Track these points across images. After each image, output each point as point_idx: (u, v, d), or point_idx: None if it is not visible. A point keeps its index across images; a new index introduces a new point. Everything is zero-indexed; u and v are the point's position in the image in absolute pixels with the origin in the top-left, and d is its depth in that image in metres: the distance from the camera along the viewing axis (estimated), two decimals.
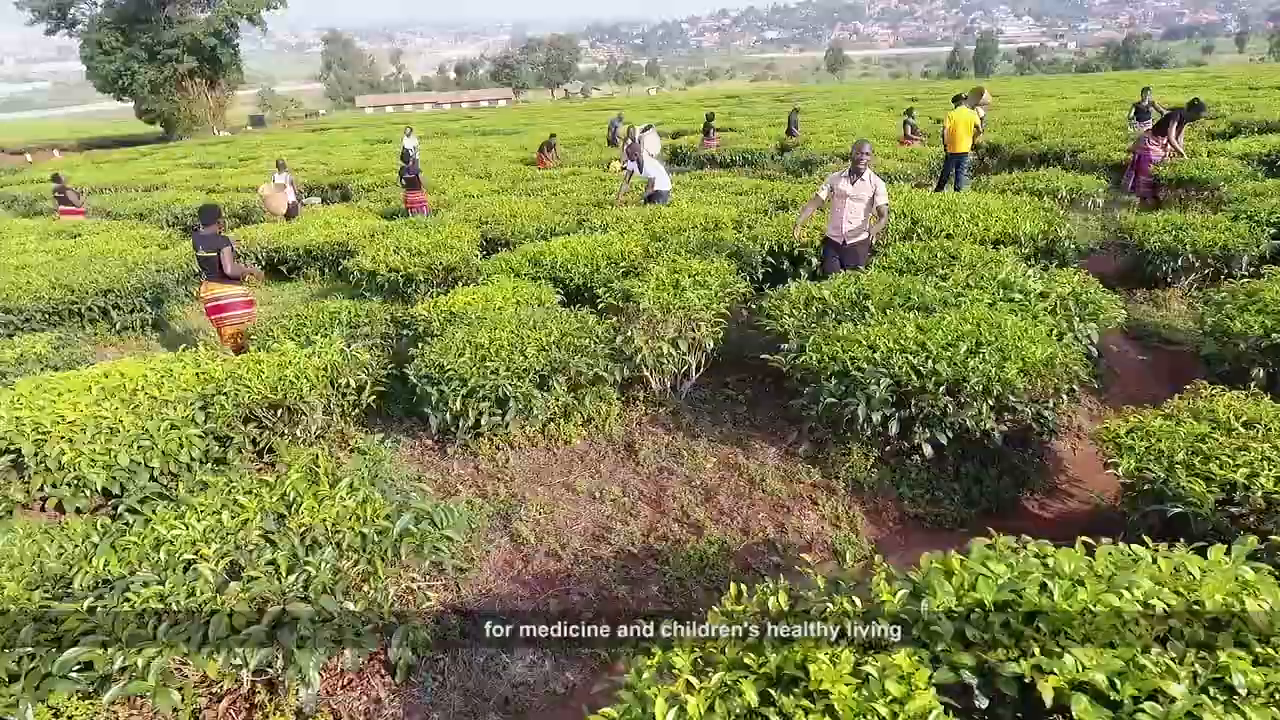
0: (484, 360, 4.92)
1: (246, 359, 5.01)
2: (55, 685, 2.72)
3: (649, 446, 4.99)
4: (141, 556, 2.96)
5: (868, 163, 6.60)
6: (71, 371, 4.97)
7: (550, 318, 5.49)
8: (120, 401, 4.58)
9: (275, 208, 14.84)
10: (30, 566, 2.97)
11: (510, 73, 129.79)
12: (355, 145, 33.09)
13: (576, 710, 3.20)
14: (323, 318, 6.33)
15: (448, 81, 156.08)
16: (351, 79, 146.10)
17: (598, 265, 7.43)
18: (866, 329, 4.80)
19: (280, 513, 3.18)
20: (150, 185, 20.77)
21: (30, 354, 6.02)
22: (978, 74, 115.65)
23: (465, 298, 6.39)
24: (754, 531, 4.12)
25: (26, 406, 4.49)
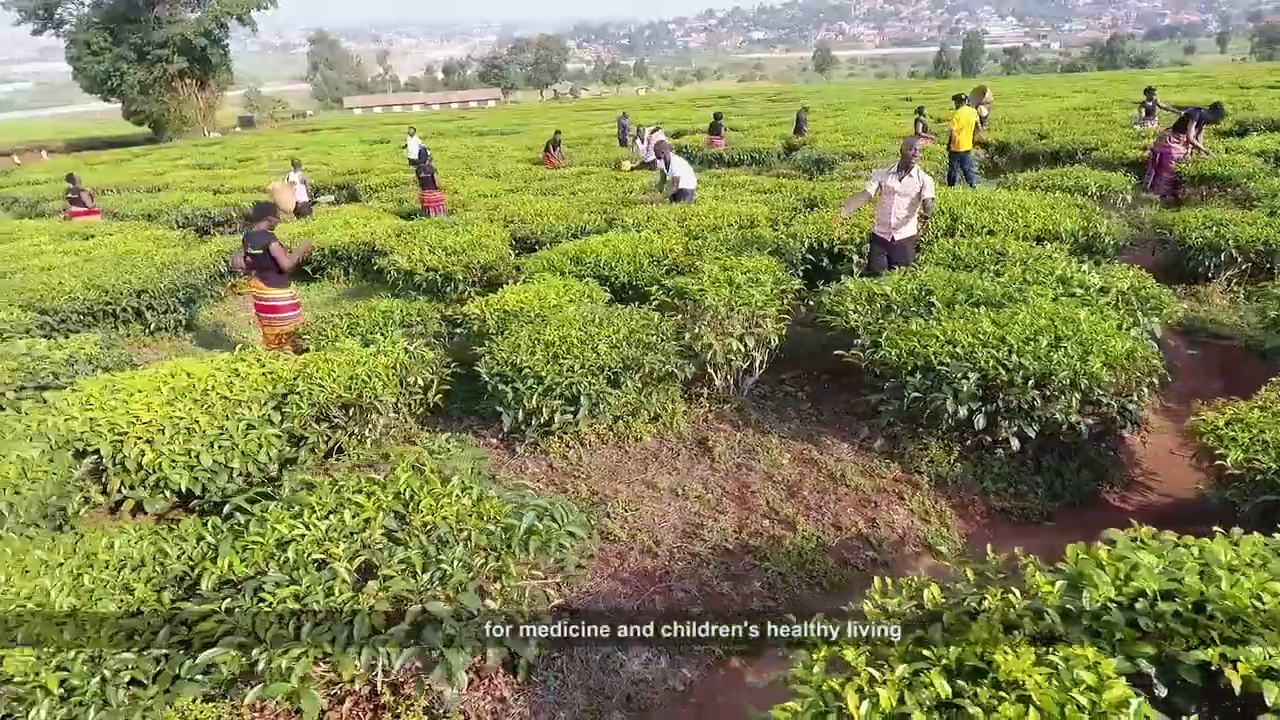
0: (557, 358, 4.89)
1: (315, 358, 4.96)
2: (184, 688, 2.68)
3: (722, 443, 4.98)
4: (266, 556, 2.92)
5: (916, 159, 6.63)
6: (136, 371, 4.89)
7: (615, 315, 5.47)
8: (192, 402, 4.52)
9: (284, 204, 14.72)
10: (154, 568, 2.92)
11: (499, 73, 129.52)
12: (353, 146, 32.89)
13: (698, 707, 3.19)
14: (375, 317, 6.28)
15: (435, 82, 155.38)
16: (338, 80, 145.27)
17: (641, 263, 7.42)
18: (943, 324, 4.81)
19: (397, 511, 3.14)
20: (152, 186, 20.55)
21: (80, 355, 5.93)
22: (964, 74, 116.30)
23: (517, 295, 6.35)
24: (845, 527, 4.12)
25: (99, 407, 4.42)
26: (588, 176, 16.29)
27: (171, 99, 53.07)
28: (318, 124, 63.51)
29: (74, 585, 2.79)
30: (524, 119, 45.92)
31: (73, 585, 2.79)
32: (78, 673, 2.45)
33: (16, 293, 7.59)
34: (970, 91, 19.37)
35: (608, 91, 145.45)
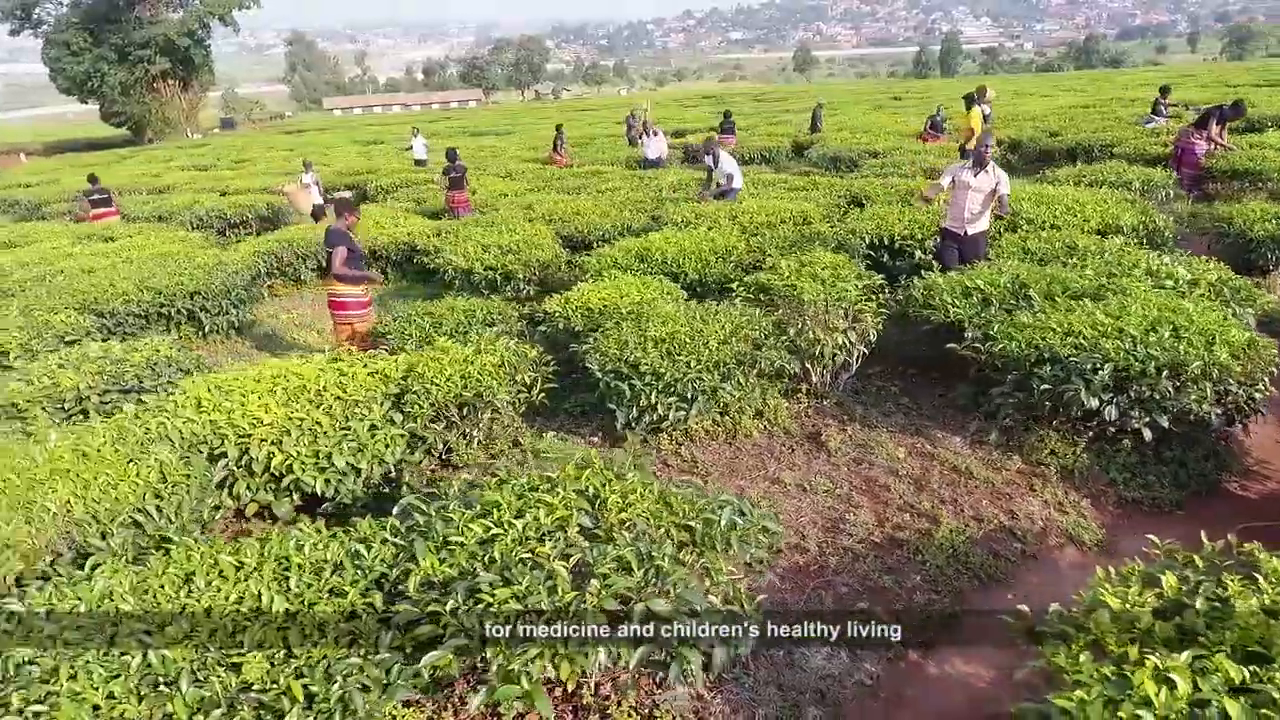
0: (672, 354, 4.85)
1: (423, 357, 4.88)
2: (395, 693, 2.62)
3: (835, 438, 4.97)
4: (469, 557, 2.86)
5: (991, 155, 6.65)
6: (239, 373, 4.78)
7: (720, 312, 5.43)
8: (308, 403, 4.44)
9: (301, 207, 14.56)
10: (353, 570, 2.85)
11: (480, 74, 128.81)
12: (346, 147, 32.51)
13: (888, 701, 3.17)
14: (457, 315, 6.20)
15: (415, 83, 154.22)
16: (316, 81, 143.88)
17: (707, 260, 7.40)
18: (1053, 316, 4.83)
19: (584, 509, 3.09)
20: (153, 188, 20.18)
21: (158, 357, 5.80)
22: (943, 74, 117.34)
23: (599, 293, 6.30)
24: (986, 519, 4.12)
25: (213, 409, 4.33)
26: (602, 175, 16.24)
27: (154, 100, 52.22)
28: (301, 125, 62.76)
29: (281, 589, 2.72)
30: (513, 119, 45.63)
31: (280, 589, 2.71)
32: (317, 679, 2.38)
33: (69, 295, 7.41)
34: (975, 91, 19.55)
35: (589, 92, 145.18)
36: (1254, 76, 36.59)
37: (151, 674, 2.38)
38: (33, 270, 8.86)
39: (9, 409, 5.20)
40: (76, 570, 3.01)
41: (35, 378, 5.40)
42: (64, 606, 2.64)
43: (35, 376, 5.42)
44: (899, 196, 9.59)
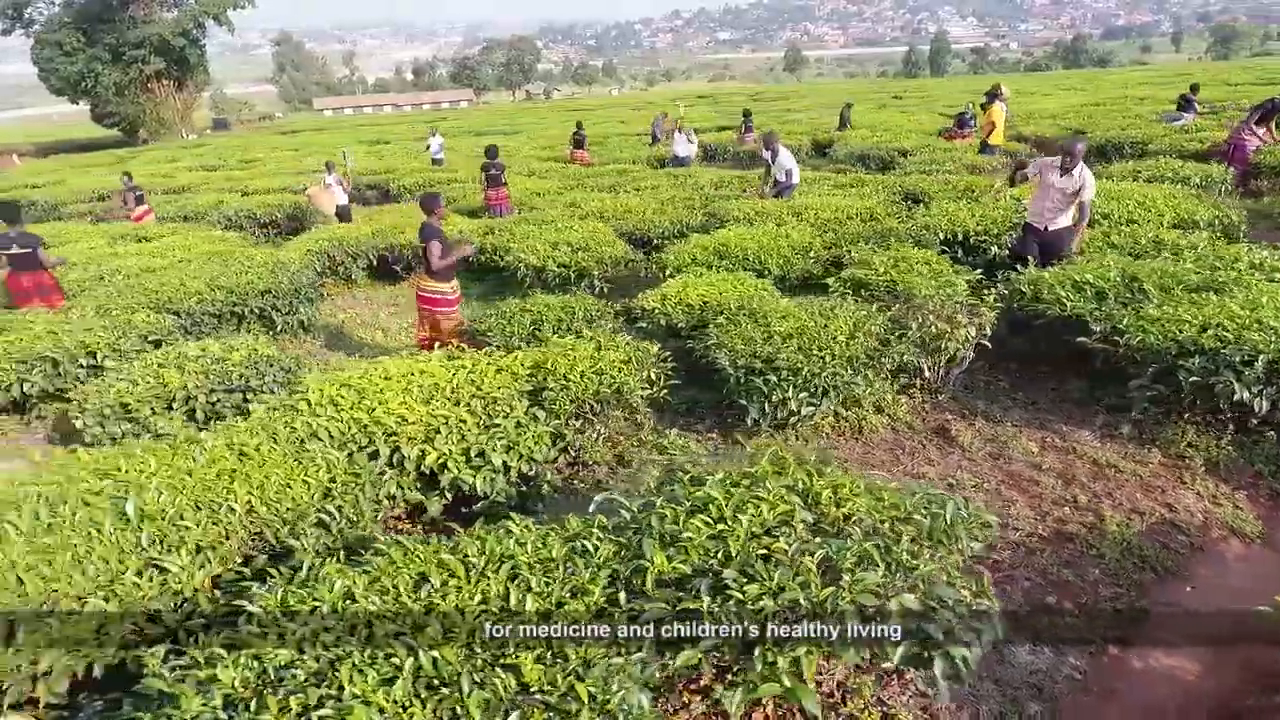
0: (805, 350, 4.80)
1: (552, 353, 4.81)
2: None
3: (965, 433, 4.94)
4: (698, 551, 2.80)
5: (1079, 158, 6.55)
6: (364, 371, 4.69)
7: (836, 308, 5.39)
8: (446, 400, 4.37)
9: (324, 208, 14.36)
10: (584, 568, 2.78)
11: (471, 74, 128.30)
12: (352, 146, 32.22)
13: (1099, 695, 3.13)
14: (555, 312, 6.13)
15: (405, 83, 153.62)
16: (305, 81, 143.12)
17: (788, 256, 7.37)
18: (1190, 309, 4.83)
19: (798, 503, 3.04)
20: (168, 189, 19.94)
21: (258, 356, 5.70)
22: (933, 73, 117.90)
23: (698, 289, 6.27)
24: (1145, 512, 4.10)
25: (356, 408, 4.24)
26: (631, 173, 16.19)
27: (148, 100, 51.69)
28: (295, 126, 62.31)
29: (523, 587, 2.65)
30: (510, 119, 45.44)
31: (523, 587, 2.64)
32: (595, 680, 2.32)
33: (140, 294, 7.29)
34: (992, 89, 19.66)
35: (579, 92, 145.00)
36: (1251, 75, 36.92)
37: (424, 675, 2.31)
38: (89, 270, 8.71)
39: (118, 409, 5.11)
40: (277, 573, 2.93)
41: (139, 377, 5.30)
42: (305, 608, 2.57)
43: (139, 376, 5.31)
44: (959, 192, 9.59)
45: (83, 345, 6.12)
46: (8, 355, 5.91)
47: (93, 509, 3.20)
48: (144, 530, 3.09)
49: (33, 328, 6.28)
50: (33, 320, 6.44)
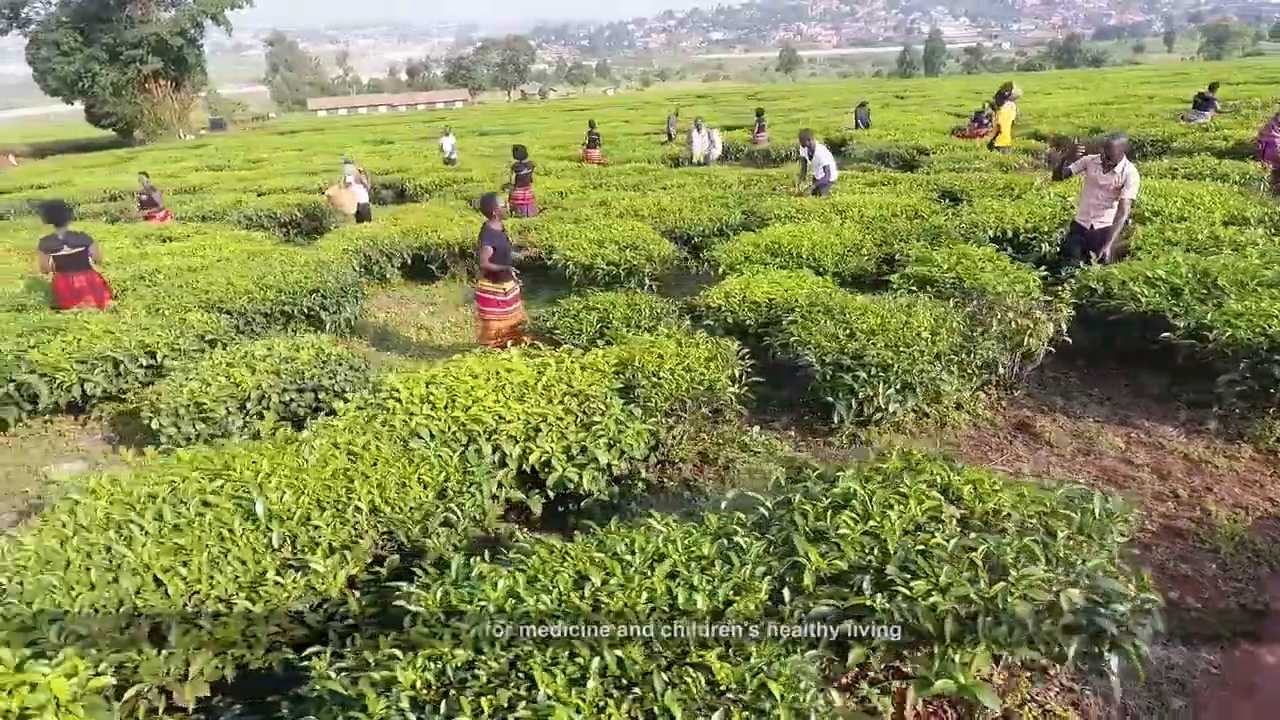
0: (897, 346, 4.78)
1: (638, 351, 4.77)
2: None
3: (1049, 428, 4.93)
4: (853, 547, 2.77)
5: (1120, 155, 6.52)
6: (446, 369, 4.64)
7: (913, 304, 5.37)
8: (539, 397, 4.32)
9: (345, 207, 14.28)
10: (741, 565, 2.74)
11: (466, 74, 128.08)
12: (358, 146, 32.10)
13: (1235, 690, 3.12)
14: (621, 309, 6.09)
15: (399, 83, 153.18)
16: (298, 81, 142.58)
17: (841, 253, 7.35)
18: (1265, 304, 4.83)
19: (940, 499, 3.01)
20: (179, 189, 19.81)
21: (326, 355, 5.65)
22: (928, 73, 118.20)
23: (762, 286, 6.24)
24: (1249, 506, 4.09)
25: (450, 406, 4.20)
26: (651, 172, 16.17)
27: (145, 100, 51.34)
28: (293, 126, 62.06)
29: (688, 586, 2.61)
30: (508, 119, 45.31)
31: (689, 586, 2.60)
32: (785, 679, 2.29)
33: (190, 294, 7.22)
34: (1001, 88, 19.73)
35: (574, 92, 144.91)
36: (1250, 74, 37.10)
37: (610, 675, 2.28)
38: (126, 270, 8.62)
39: (192, 409, 5.05)
40: (422, 572, 2.89)
41: (209, 377, 5.24)
42: (470, 608, 2.52)
43: (209, 376, 5.26)
44: (998, 190, 9.60)
45: (142, 345, 6.05)
46: (68, 355, 5.83)
47: (217, 509, 3.15)
48: (274, 530, 3.05)
49: (89, 328, 6.20)
50: (88, 321, 6.36)
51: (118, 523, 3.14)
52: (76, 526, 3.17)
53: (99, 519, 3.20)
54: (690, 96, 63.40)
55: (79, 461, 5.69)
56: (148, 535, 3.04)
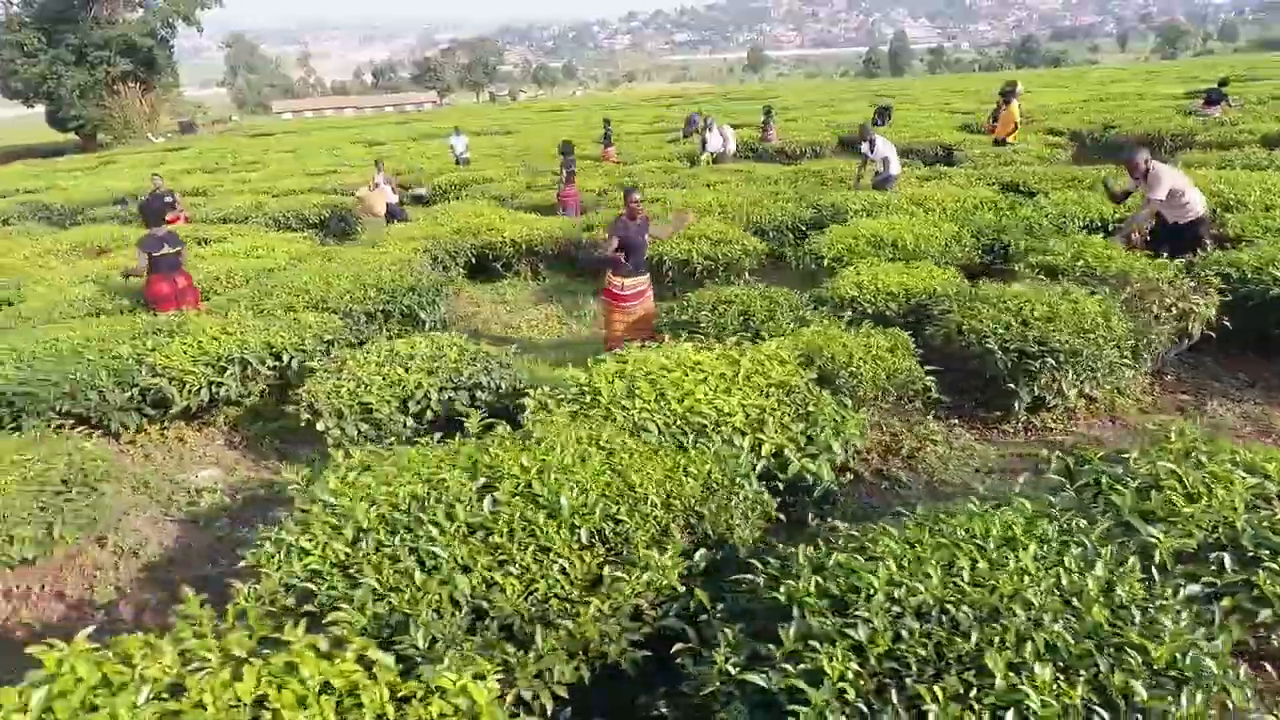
0: (1083, 332, 4.80)
1: (814, 341, 4.74)
2: None
3: (1221, 412, 5.00)
4: (1197, 527, 2.77)
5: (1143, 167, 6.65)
6: (637, 363, 4.55)
7: (1068, 292, 5.40)
8: (746, 389, 4.26)
9: (375, 209, 14.07)
10: (1071, 552, 2.71)
11: (434, 75, 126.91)
12: (349, 147, 31.56)
13: None
14: (757, 302, 6.03)
15: (365, 85, 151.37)
16: (260, 84, 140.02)
17: (944, 244, 7.40)
18: None
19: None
20: (182, 192, 19.25)
21: (473, 352, 5.51)
22: (893, 74, 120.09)
23: (890, 277, 6.24)
24: None
25: (662, 399, 4.12)
26: (678, 170, 16.13)
27: (113, 103, 49.90)
28: (267, 128, 60.78)
29: (1037, 583, 2.57)
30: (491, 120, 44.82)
31: (1064, 570, 2.56)
32: (1221, 656, 2.27)
33: (289, 294, 7.02)
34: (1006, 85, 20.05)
35: (543, 93, 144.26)
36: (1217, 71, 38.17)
37: (1043, 658, 2.23)
38: (198, 272, 8.34)
39: (356, 408, 4.90)
40: (761, 564, 2.82)
41: (366, 377, 5.09)
42: (859, 595, 2.46)
43: (364, 375, 5.10)
44: (1064, 181, 9.74)
45: (267, 346, 5.86)
46: (193, 358, 5.62)
47: (510, 506, 3.04)
48: (581, 527, 2.95)
49: (205, 330, 5.99)
50: (201, 323, 6.14)
51: (402, 523, 3.02)
52: (357, 529, 3.04)
53: (373, 519, 3.08)
54: (668, 96, 63.53)
55: (212, 468, 5.50)
56: (445, 535, 2.93)
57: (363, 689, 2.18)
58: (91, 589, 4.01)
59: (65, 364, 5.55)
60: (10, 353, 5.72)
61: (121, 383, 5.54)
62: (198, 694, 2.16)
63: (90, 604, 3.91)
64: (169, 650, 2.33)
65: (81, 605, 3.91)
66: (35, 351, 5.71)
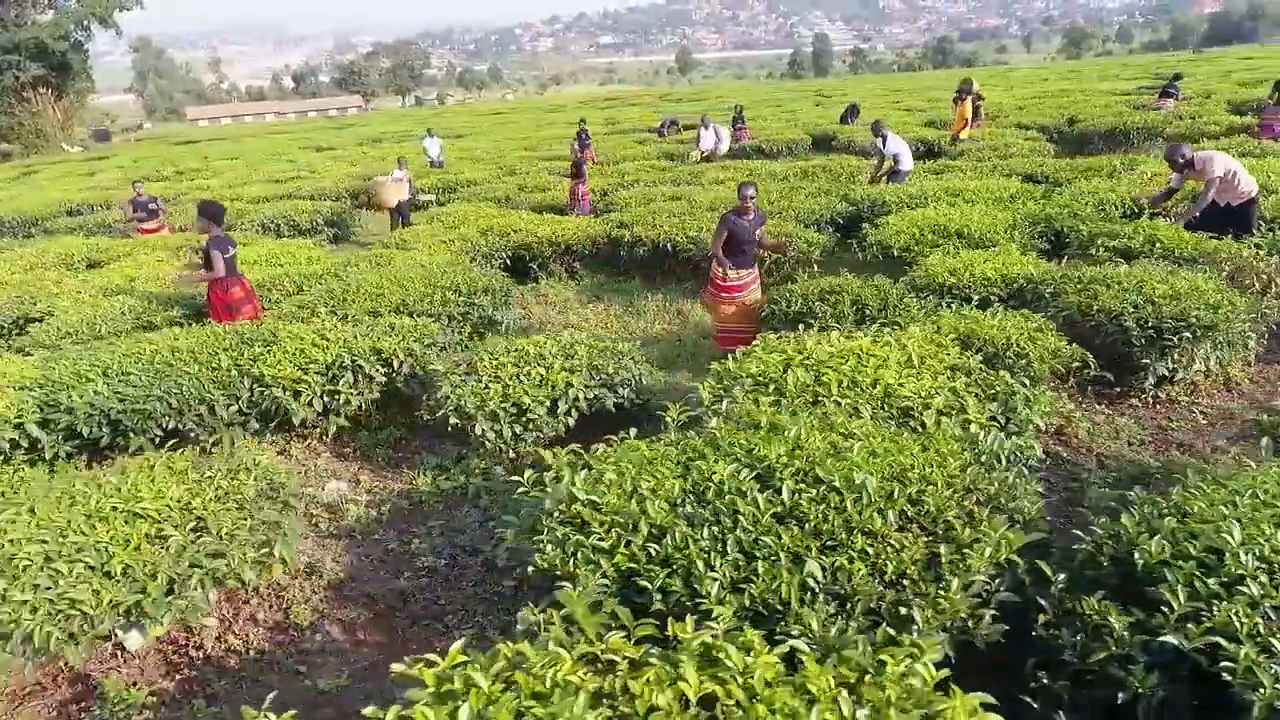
0: (1209, 307, 5.02)
1: (961, 324, 4.84)
2: None
3: None
4: None
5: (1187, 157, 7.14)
6: (803, 350, 4.57)
7: (1174, 272, 5.65)
8: (929, 372, 4.33)
9: (385, 200, 13.76)
10: None
11: (358, 79, 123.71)
12: (297, 153, 30.48)
13: None
14: (869, 292, 6.11)
15: (284, 90, 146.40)
16: (170, 89, 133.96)
17: (1007, 232, 7.64)
18: None
19: None
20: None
21: (601, 349, 5.42)
22: (816, 75, 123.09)
23: (985, 262, 6.41)
24: None
25: (858, 385, 4.15)
26: (668, 170, 16.17)
27: (23, 110, 47.00)
28: (192, 135, 58.21)
29: None
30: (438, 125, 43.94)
31: None
32: None
33: (366, 298, 6.77)
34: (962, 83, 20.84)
35: (470, 97, 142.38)
36: (1135, 70, 40.45)
37: None
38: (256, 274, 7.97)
39: (509, 409, 4.77)
40: None
41: (506, 378, 4.95)
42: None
43: (505, 377, 4.97)
44: (1078, 172, 10.19)
45: (375, 352, 5.63)
46: (301, 367, 5.35)
47: (808, 493, 3.02)
48: (890, 510, 2.95)
49: (301, 337, 5.71)
50: (293, 330, 5.85)
51: (702, 517, 2.96)
52: (651, 524, 2.97)
53: (662, 513, 3.01)
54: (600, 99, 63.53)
55: (334, 481, 5.25)
56: (762, 523, 2.89)
57: (809, 678, 2.13)
58: (284, 611, 3.78)
59: (162, 379, 5.23)
60: (95, 369, 5.35)
61: (229, 395, 5.25)
62: (647, 694, 2.08)
63: (293, 626, 3.69)
64: (565, 656, 2.23)
65: (284, 628, 3.68)
66: (124, 367, 5.35)
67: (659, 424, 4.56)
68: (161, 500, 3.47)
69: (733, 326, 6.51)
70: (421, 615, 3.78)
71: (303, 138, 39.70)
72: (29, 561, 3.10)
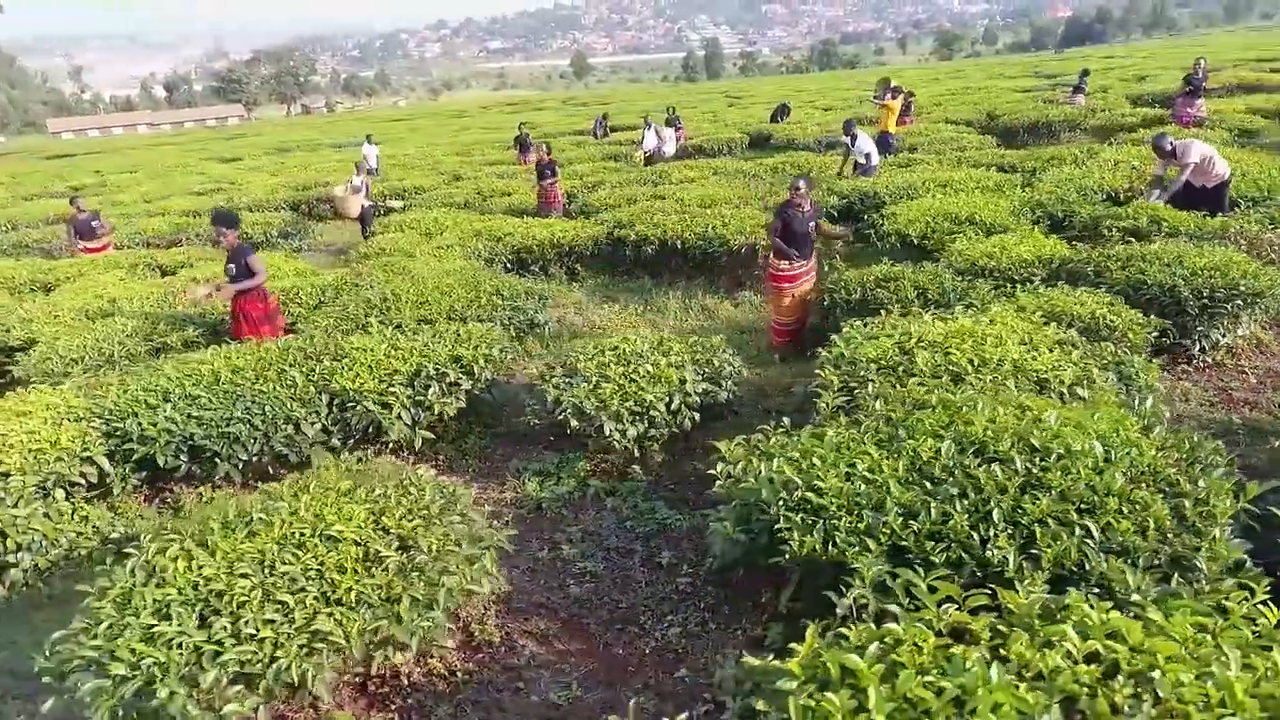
0: (1253, 276, 5.47)
1: (1053, 301, 5.12)
2: None
3: None
4: None
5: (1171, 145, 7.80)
6: (917, 331, 4.72)
7: (1202, 246, 6.13)
8: (1045, 348, 4.56)
9: (349, 211, 13.48)
10: None
11: (238, 87, 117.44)
12: (212, 165, 28.76)
13: None
14: (926, 278, 6.32)
15: (156, 100, 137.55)
16: (25, 100, 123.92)
17: (1013, 217, 8.08)
18: None
19: None
20: (44, 221, 16.86)
21: (693, 343, 5.43)
22: (709, 77, 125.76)
23: (1021, 245, 6.76)
24: None
25: (984, 362, 4.34)
26: (618, 170, 16.20)
27: None
28: (65, 149, 53.91)
29: None
30: (331, 133, 42.48)
31: None
32: None
33: (418, 306, 6.52)
34: (879, 82, 21.85)
35: (361, 104, 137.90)
36: (1017, 69, 43.21)
37: None
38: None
39: (631, 407, 4.72)
40: None
41: (619, 379, 4.90)
42: None
43: (616, 376, 4.91)
44: (1045, 161, 10.87)
45: (454, 360, 5.44)
46: (382, 379, 5.12)
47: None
48: (1118, 473, 3.11)
49: (366, 349, 5.45)
50: (364, 342, 5.57)
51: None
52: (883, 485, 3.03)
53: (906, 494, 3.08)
54: (501, 104, 62.90)
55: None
56: None
57: (1171, 628, 2.23)
58: (464, 629, 3.61)
59: (235, 400, 4.89)
60: (154, 394, 4.95)
61: (310, 411, 4.97)
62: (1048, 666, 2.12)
63: (485, 644, 3.53)
64: (928, 632, 2.25)
65: (475, 646, 3.52)
66: (186, 389, 4.97)
67: (764, 418, 4.64)
68: (350, 522, 3.27)
69: (786, 320, 6.63)
70: (611, 620, 3.69)
71: (199, 149, 37.52)
72: (245, 597, 2.86)
